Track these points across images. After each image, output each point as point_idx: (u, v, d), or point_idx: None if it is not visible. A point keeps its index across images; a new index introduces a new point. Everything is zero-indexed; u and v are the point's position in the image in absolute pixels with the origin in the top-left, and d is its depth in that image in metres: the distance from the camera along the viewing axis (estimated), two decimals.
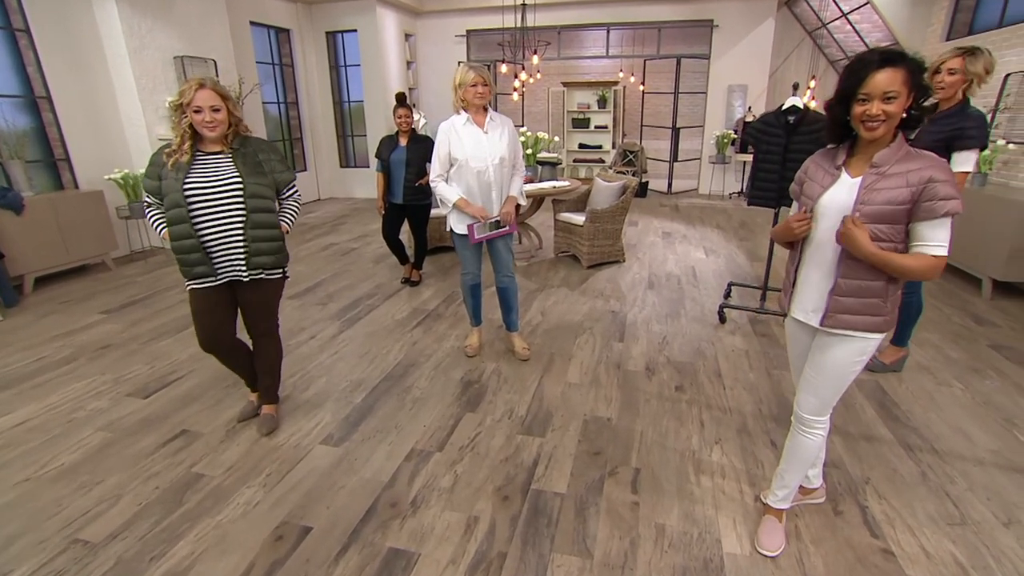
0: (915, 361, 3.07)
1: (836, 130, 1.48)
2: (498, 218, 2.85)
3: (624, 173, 8.57)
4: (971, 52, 2.40)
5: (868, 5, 6.33)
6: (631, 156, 8.88)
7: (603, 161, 9.91)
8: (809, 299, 1.60)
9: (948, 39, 5.59)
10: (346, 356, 3.24)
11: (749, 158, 8.19)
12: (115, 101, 5.30)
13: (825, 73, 8.26)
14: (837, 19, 7.21)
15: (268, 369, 2.51)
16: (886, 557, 1.76)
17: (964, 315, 3.76)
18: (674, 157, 8.79)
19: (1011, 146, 4.40)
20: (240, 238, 2.17)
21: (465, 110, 2.71)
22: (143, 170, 2.30)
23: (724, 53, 8.19)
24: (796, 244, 1.63)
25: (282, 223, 2.33)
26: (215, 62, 6.04)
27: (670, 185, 8.97)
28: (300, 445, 2.39)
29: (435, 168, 2.80)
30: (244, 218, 2.15)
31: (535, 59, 6.13)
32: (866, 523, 1.90)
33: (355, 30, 8.02)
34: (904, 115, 1.36)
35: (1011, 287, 4.16)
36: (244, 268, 2.20)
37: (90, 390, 2.87)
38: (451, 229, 2.90)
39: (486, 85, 2.66)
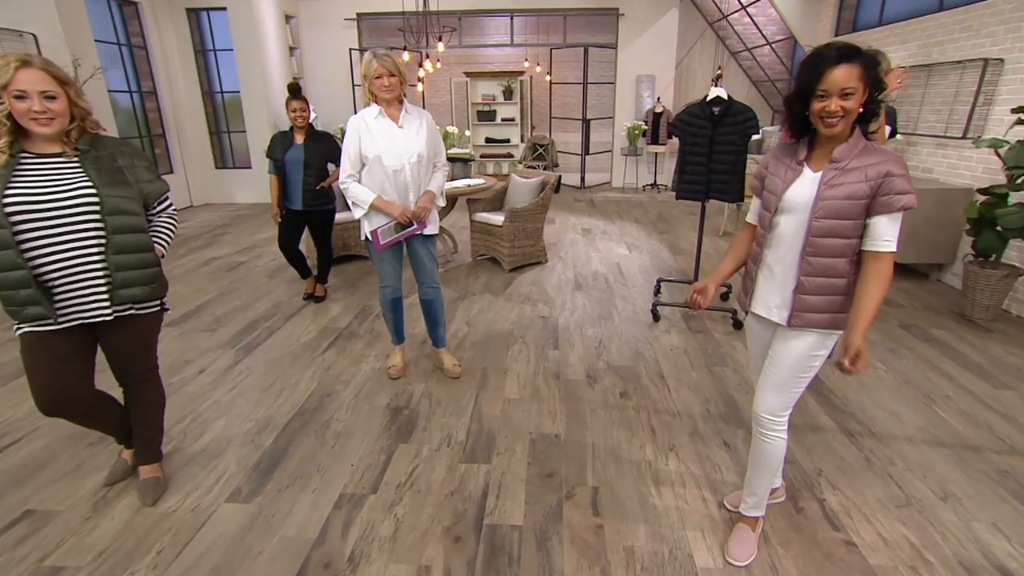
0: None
1: (795, 126, 1.54)
2: (410, 214, 2.70)
3: (535, 167, 8.70)
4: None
5: None
6: (541, 150, 9.04)
7: (512, 156, 10.00)
8: (773, 295, 1.66)
9: (836, 35, 6.26)
10: (247, 391, 2.93)
11: (661, 149, 8.66)
12: None
13: (727, 64, 8.93)
14: (736, 11, 7.82)
15: (146, 420, 2.17)
16: (850, 549, 1.87)
17: None
18: (585, 150, 9.06)
19: (898, 136, 5.00)
20: (99, 266, 1.81)
21: (376, 102, 2.55)
22: None
23: (631, 42, 8.57)
24: (760, 240, 1.68)
25: (155, 246, 1.99)
26: (35, 36, 5.23)
27: (583, 179, 9.23)
28: (199, 507, 2.10)
29: (345, 168, 2.61)
30: (103, 241, 1.80)
31: (440, 46, 6.00)
32: (826, 517, 2.02)
33: (224, 8, 7.39)
34: (860, 109, 1.43)
35: (907, 268, 4.71)
36: (107, 304, 1.85)
37: None
38: (366, 238, 2.71)
39: (393, 76, 2.51)
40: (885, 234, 1.47)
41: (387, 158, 2.58)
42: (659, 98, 8.62)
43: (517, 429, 2.59)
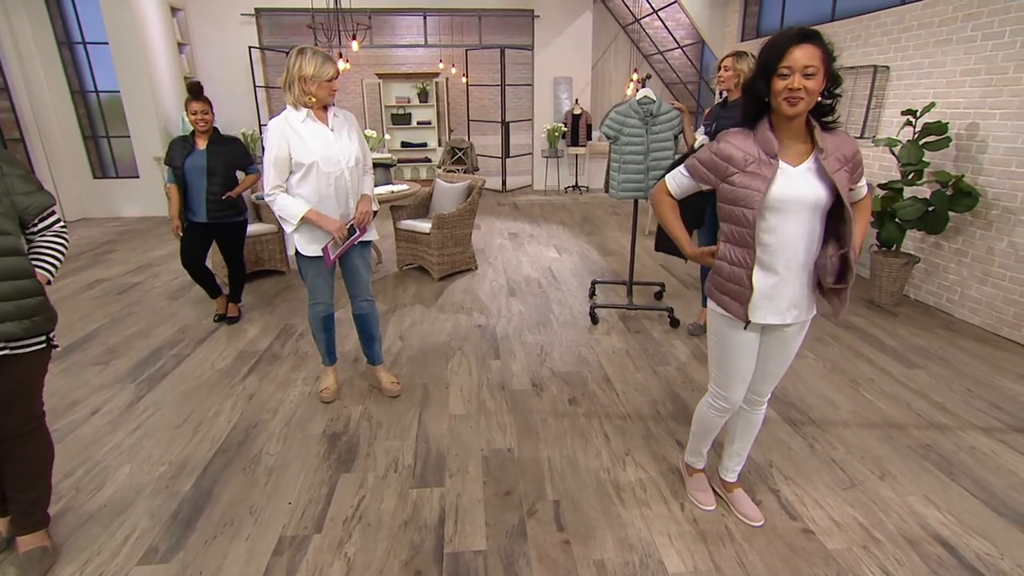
0: None
1: (754, 109, 1.59)
2: (353, 222, 2.58)
3: (455, 171, 8.64)
4: (738, 54, 3.16)
5: (676, 4, 7.32)
6: (460, 153, 8.99)
7: (430, 160, 9.87)
8: (780, 300, 1.67)
9: (742, 39, 6.73)
10: (155, 429, 2.64)
11: (582, 151, 8.89)
12: None
13: (641, 67, 9.34)
14: (648, 15, 8.20)
15: (29, 480, 1.85)
16: (808, 537, 1.97)
17: None
18: (506, 153, 9.11)
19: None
20: None
21: (306, 105, 2.39)
22: None
23: (547, 44, 8.75)
24: (740, 240, 1.64)
25: (38, 271, 1.72)
26: None
27: (504, 182, 9.28)
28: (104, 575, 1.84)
29: (270, 179, 2.41)
30: None
31: (355, 45, 5.79)
32: (783, 507, 2.12)
33: None
34: (819, 99, 1.51)
35: None
36: None
37: None
38: (296, 252, 2.54)
39: (338, 78, 2.41)
40: (861, 184, 1.71)
41: (325, 164, 2.43)
42: (577, 100, 8.85)
43: (467, 446, 2.52)
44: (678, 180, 1.78)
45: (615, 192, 3.59)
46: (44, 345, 1.76)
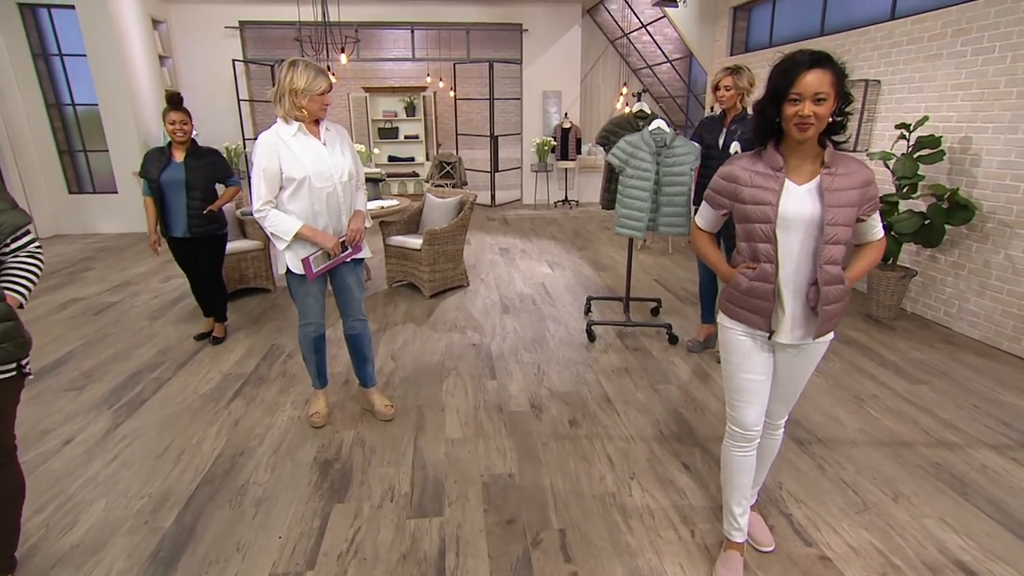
0: None
1: (765, 131, 1.57)
2: (344, 238, 2.52)
3: (443, 186, 8.60)
4: (736, 71, 3.14)
5: (664, 18, 7.42)
6: (448, 168, 8.96)
7: (417, 175, 9.83)
8: (785, 318, 1.64)
9: (731, 54, 6.82)
10: (134, 459, 2.52)
11: (571, 165, 8.90)
12: None
13: (630, 80, 9.44)
14: (636, 30, 8.30)
15: None
16: (825, 564, 1.91)
17: None
18: (495, 167, 9.11)
19: None
20: None
21: (297, 119, 2.34)
22: None
23: (535, 58, 8.80)
24: (763, 256, 1.63)
25: (9, 294, 1.63)
26: None
27: (493, 197, 9.26)
28: None
29: (261, 194, 2.34)
30: None
31: (343, 58, 5.76)
32: (796, 533, 2.06)
33: (71, 6, 6.58)
34: (830, 120, 1.48)
35: None
36: None
37: None
38: (287, 270, 2.46)
39: (330, 91, 2.37)
40: (876, 226, 1.66)
41: (317, 179, 2.37)
42: (566, 114, 8.89)
43: (466, 472, 2.43)
44: (703, 214, 1.84)
45: (617, 227, 3.51)
46: (15, 373, 1.66)
